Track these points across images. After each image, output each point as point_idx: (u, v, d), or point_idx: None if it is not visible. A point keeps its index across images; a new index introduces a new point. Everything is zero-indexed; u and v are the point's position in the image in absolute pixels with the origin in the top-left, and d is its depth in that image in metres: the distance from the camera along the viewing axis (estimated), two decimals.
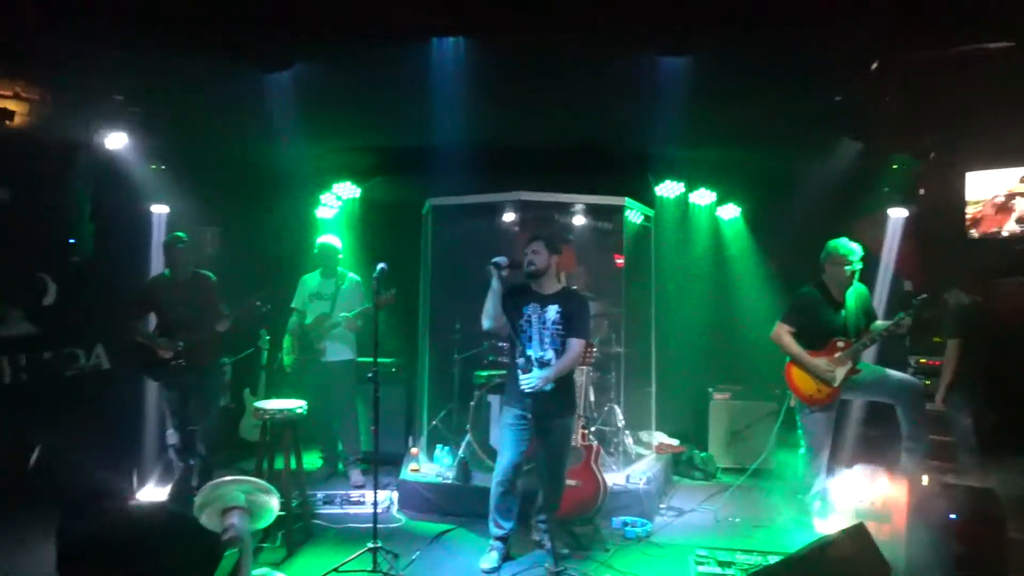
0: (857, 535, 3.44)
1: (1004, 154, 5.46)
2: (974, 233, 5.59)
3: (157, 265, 5.88)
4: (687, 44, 4.40)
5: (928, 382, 5.21)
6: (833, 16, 4.08)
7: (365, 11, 4.26)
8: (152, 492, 5.18)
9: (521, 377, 4.06)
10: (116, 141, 5.28)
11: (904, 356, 5.68)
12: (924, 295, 4.55)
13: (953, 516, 3.59)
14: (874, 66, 4.37)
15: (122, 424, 5.50)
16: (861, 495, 4.80)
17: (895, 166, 5.83)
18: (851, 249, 4.68)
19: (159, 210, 6.14)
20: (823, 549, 3.26)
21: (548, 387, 4.05)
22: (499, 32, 4.45)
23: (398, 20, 4.31)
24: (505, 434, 4.26)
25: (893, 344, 5.16)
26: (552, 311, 4.16)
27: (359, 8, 4.19)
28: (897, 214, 6.04)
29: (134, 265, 5.90)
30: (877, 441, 5.43)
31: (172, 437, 5.14)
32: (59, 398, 5.23)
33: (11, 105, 4.92)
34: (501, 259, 4.12)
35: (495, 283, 4.12)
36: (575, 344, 4.13)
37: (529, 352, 4.15)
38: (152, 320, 5.27)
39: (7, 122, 4.90)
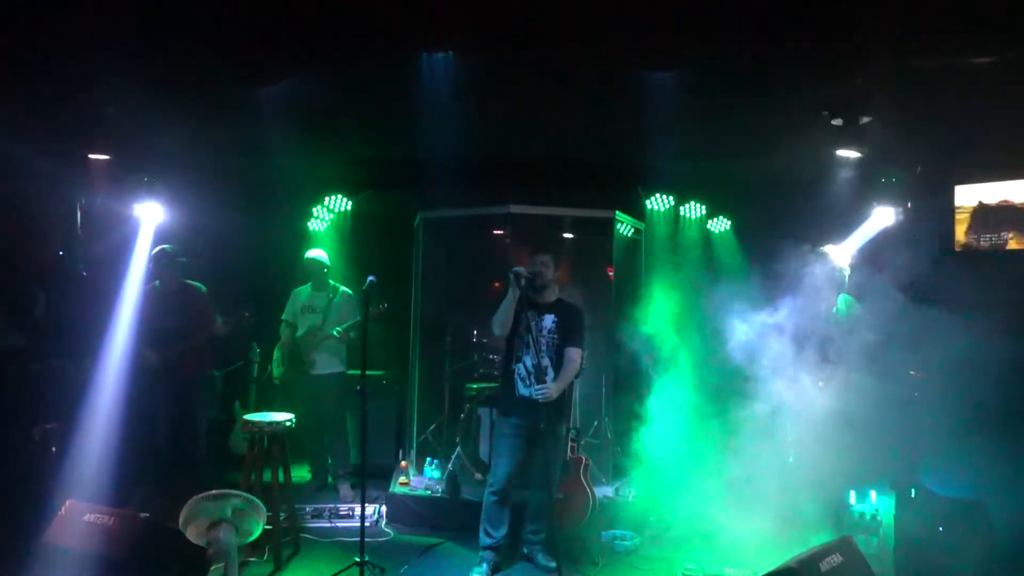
0: (845, 548, 3.45)
1: (993, 167, 5.49)
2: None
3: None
4: (675, 59, 4.45)
5: (917, 394, 5.21)
6: (819, 30, 4.13)
7: (356, 26, 4.29)
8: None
9: (536, 387, 4.12)
10: (106, 154, 5.27)
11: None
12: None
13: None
14: (858, 80, 4.41)
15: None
16: (850, 507, 4.81)
17: (883, 179, 5.86)
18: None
19: (149, 221, 6.13)
20: (811, 562, 3.26)
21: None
22: (489, 48, 4.49)
23: (388, 35, 4.35)
24: (501, 444, 4.29)
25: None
26: (549, 320, 4.29)
27: (350, 23, 4.23)
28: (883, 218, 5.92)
29: (123, 277, 5.87)
30: (867, 453, 5.42)
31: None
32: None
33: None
34: (521, 269, 4.20)
35: (513, 292, 4.15)
36: (574, 353, 4.27)
37: (526, 359, 4.19)
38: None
39: None
